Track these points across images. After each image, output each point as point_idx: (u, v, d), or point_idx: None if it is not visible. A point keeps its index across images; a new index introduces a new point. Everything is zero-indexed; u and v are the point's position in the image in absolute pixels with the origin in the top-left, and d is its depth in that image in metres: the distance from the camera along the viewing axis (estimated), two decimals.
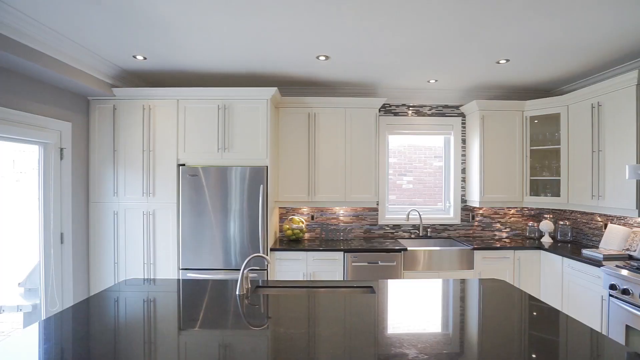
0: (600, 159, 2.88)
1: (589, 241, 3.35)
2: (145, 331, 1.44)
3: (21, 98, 2.50)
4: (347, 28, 2.31)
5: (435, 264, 3.25)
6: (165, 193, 3.19)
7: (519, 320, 1.55)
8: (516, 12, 2.07)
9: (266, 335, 1.38)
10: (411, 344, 1.28)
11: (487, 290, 1.95)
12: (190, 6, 2.04)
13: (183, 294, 1.94)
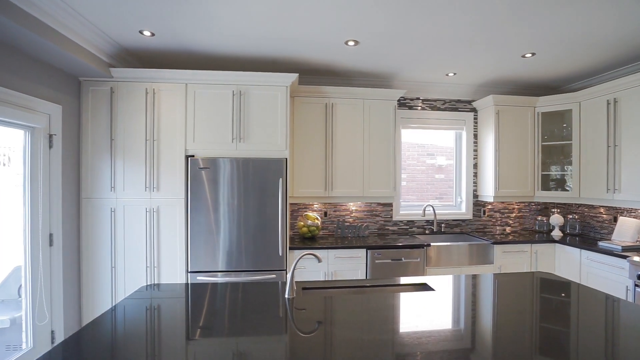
0: (617, 154, 2.98)
1: (597, 234, 3.49)
2: (223, 341, 1.20)
3: (2, 71, 2.08)
4: (383, 10, 2.16)
5: (456, 259, 3.21)
6: (171, 187, 2.86)
7: (603, 305, 1.49)
8: (550, 2, 2.04)
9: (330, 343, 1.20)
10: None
11: (544, 283, 1.89)
12: None
13: (229, 299, 1.69)
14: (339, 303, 1.63)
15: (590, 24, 2.34)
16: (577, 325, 1.36)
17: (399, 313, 1.50)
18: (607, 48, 2.75)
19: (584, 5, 2.08)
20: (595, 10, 2.15)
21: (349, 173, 3.39)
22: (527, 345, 1.17)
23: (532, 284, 1.88)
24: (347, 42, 2.69)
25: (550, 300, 1.64)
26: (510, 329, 1.31)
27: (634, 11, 2.16)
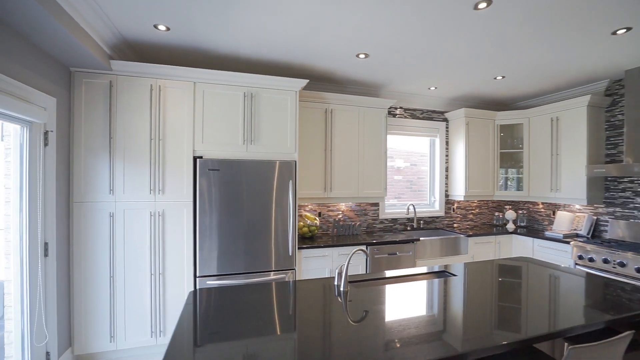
0: (558, 161, 3.72)
1: (540, 225, 4.28)
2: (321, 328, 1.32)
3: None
4: (394, 30, 2.42)
5: (439, 250, 3.66)
6: (178, 189, 2.74)
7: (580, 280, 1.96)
8: (524, 41, 2.56)
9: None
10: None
11: (531, 267, 2.36)
12: None
13: (296, 297, 1.77)
14: (380, 293, 1.84)
15: (547, 58, 2.93)
16: (556, 284, 1.79)
17: (443, 294, 1.77)
18: (555, 76, 3.43)
19: (546, 45, 2.63)
20: (551, 49, 2.72)
21: (345, 175, 3.60)
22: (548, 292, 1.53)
23: (527, 267, 2.32)
24: (358, 54, 2.90)
25: (540, 273, 2.09)
26: (525, 290, 1.67)
27: (574, 52, 2.78)
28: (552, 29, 2.39)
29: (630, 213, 3.36)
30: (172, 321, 2.73)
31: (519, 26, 2.34)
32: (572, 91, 3.84)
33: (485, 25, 2.34)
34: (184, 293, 2.76)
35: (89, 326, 2.57)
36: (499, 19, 2.25)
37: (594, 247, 3.12)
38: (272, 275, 2.95)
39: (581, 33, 2.45)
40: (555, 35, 2.49)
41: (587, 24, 2.31)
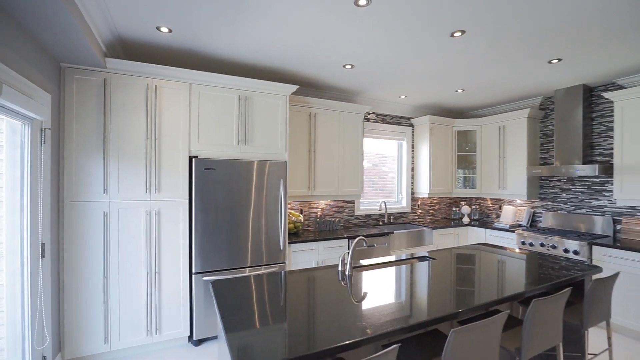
0: (504, 163, 4.39)
1: (488, 218, 4.96)
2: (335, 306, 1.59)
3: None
4: (384, 44, 2.76)
5: (409, 242, 4.10)
6: (174, 188, 2.80)
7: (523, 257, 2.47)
8: (485, 63, 3.08)
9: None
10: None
11: (487, 246, 2.86)
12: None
13: (308, 286, 2.00)
14: (376, 276, 2.16)
15: (500, 76, 3.50)
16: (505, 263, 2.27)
17: (431, 273, 2.14)
18: (504, 91, 4.06)
19: (501, 67, 3.17)
20: (504, 69, 3.27)
21: (327, 175, 3.88)
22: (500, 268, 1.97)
23: (486, 253, 2.81)
24: (345, 65, 3.19)
25: (492, 255, 2.57)
26: (488, 262, 2.11)
27: (521, 73, 3.38)
28: (507, 55, 2.90)
29: (558, 206, 4.11)
30: (168, 319, 2.78)
31: (484, 51, 2.81)
32: (516, 104, 4.54)
33: (457, 49, 2.77)
34: (180, 290, 2.82)
35: (81, 329, 2.52)
36: (469, 45, 2.69)
37: (532, 234, 3.78)
38: (263, 269, 3.12)
39: (527, 59, 3.00)
40: (509, 60, 3.02)
41: (533, 53, 2.85)
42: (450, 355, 1.33)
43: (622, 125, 3.33)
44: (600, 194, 3.73)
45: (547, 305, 1.67)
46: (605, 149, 3.70)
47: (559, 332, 1.80)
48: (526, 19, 2.26)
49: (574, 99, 3.76)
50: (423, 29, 2.42)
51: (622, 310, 3.06)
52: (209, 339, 2.98)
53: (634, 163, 3.23)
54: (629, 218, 3.47)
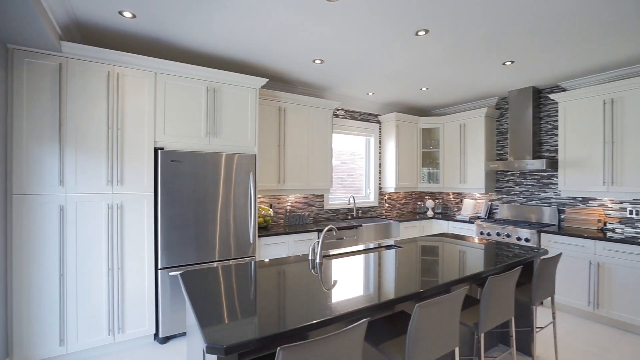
0: (465, 159, 4.66)
1: (451, 211, 5.24)
2: (301, 293, 1.63)
3: None
4: (353, 40, 2.85)
5: (377, 234, 4.24)
6: (138, 181, 2.69)
7: (483, 244, 2.67)
8: (447, 62, 3.28)
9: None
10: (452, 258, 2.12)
11: (450, 235, 3.04)
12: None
13: (278, 275, 2.02)
14: (345, 263, 2.23)
15: (460, 77, 3.72)
16: (463, 251, 2.45)
17: (397, 259, 2.24)
18: (464, 91, 4.31)
19: (462, 67, 3.37)
20: (464, 70, 3.49)
21: (297, 168, 3.90)
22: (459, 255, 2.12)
23: (448, 240, 2.98)
24: (315, 60, 3.23)
25: (453, 239, 2.74)
26: (450, 248, 2.26)
27: (479, 74, 3.62)
28: (467, 55, 3.10)
29: (512, 198, 4.44)
30: (131, 317, 2.66)
31: (446, 50, 2.98)
32: (475, 104, 4.83)
33: (421, 48, 2.91)
34: (145, 287, 2.72)
35: (32, 331, 2.35)
36: (432, 44, 2.84)
37: (489, 224, 4.06)
38: (231, 263, 3.07)
39: (485, 60, 3.22)
40: (468, 60, 3.22)
41: (489, 54, 3.06)
42: (415, 329, 1.41)
43: (565, 124, 3.67)
44: (548, 186, 4.09)
45: (501, 282, 1.82)
46: (551, 146, 4.05)
47: (511, 307, 1.96)
48: (483, 21, 2.43)
49: (525, 99, 4.08)
50: (390, 26, 2.52)
51: (564, 290, 3.38)
52: (176, 336, 2.90)
53: (575, 158, 3.58)
54: (571, 208, 3.83)
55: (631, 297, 2.97)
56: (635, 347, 2.73)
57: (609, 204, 3.58)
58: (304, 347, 1.05)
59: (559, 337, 2.90)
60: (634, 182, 3.16)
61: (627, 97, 3.22)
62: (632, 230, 3.39)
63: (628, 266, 2.99)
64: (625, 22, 2.44)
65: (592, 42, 2.80)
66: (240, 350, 1.11)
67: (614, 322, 3.12)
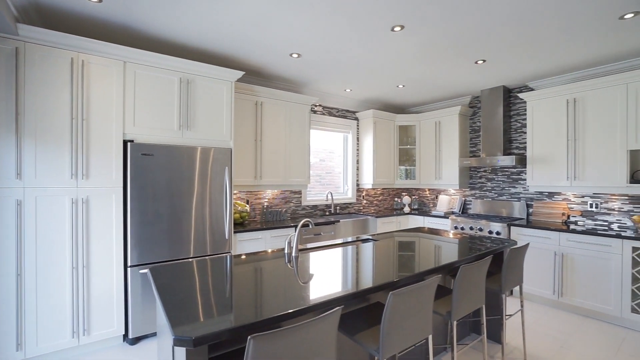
0: (440, 156, 4.78)
1: (427, 207, 5.35)
2: (279, 285, 1.61)
3: None
4: (330, 35, 2.86)
5: (354, 230, 4.26)
6: (105, 174, 2.56)
7: (452, 237, 2.74)
8: (422, 60, 3.35)
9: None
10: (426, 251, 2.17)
11: (425, 229, 3.10)
12: None
13: (254, 269, 1.98)
14: (322, 256, 2.23)
15: (435, 74, 3.80)
16: (438, 243, 2.51)
17: (374, 251, 2.26)
18: (439, 89, 4.41)
19: (436, 65, 3.45)
20: (439, 68, 3.57)
21: (274, 164, 3.86)
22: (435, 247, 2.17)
23: (424, 234, 3.04)
24: (292, 54, 3.20)
25: (428, 234, 2.80)
26: (425, 241, 2.31)
27: (453, 72, 3.72)
28: (441, 53, 3.16)
29: (484, 194, 4.60)
30: (98, 317, 2.53)
31: (421, 47, 3.03)
32: (450, 102, 4.96)
33: (397, 44, 2.94)
34: (113, 285, 2.59)
35: None
36: (408, 41, 2.88)
37: (463, 219, 4.18)
38: (206, 259, 3.00)
39: (458, 59, 3.31)
40: (443, 58, 3.29)
41: (462, 52, 3.14)
42: (389, 317, 1.42)
43: (533, 122, 3.83)
44: (517, 182, 4.26)
45: (472, 270, 1.87)
46: (520, 143, 4.23)
47: (482, 295, 2.02)
48: (456, 19, 2.49)
49: (496, 98, 4.24)
50: (366, 20, 2.53)
51: (531, 280, 3.53)
52: (148, 336, 2.78)
53: (542, 155, 3.75)
54: (538, 202, 4.01)
55: (591, 285, 3.15)
56: (594, 331, 2.89)
57: (572, 198, 3.78)
58: (276, 335, 1.02)
59: (527, 325, 3.02)
60: (594, 177, 3.35)
61: (588, 97, 3.40)
62: (592, 223, 3.59)
63: (588, 256, 3.17)
64: (584, 26, 2.58)
65: (555, 44, 2.93)
66: (210, 341, 1.07)
67: (576, 308, 3.29)
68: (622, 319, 3.02)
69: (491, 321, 2.77)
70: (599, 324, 3.06)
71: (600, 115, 3.32)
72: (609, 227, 3.49)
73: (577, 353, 2.54)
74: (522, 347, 2.61)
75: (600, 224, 3.55)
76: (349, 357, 1.94)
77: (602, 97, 3.31)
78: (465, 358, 2.48)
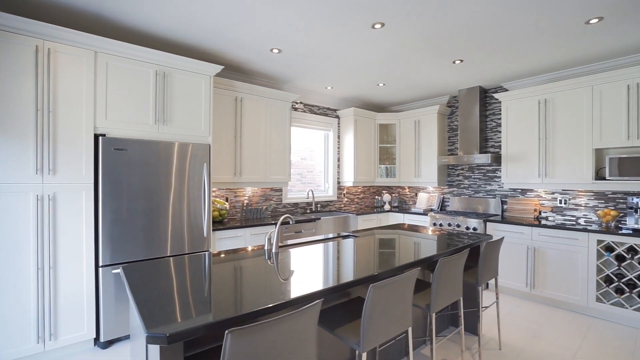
0: (419, 154, 4.87)
1: (407, 205, 5.44)
2: (259, 281, 1.58)
3: None
4: (311, 30, 2.85)
5: (336, 227, 4.27)
6: (75, 170, 2.43)
7: (430, 234, 2.80)
8: (402, 58, 3.40)
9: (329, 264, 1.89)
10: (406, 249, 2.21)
11: (405, 226, 3.15)
12: None
13: (234, 266, 1.94)
14: (303, 252, 2.22)
15: (414, 74, 3.87)
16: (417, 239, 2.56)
17: (354, 247, 2.27)
18: (418, 87, 4.49)
19: (415, 64, 3.51)
20: (417, 67, 3.63)
21: (254, 161, 3.80)
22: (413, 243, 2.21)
23: (404, 230, 3.08)
24: (272, 49, 3.16)
25: (409, 230, 2.85)
26: (405, 237, 2.34)
27: (431, 72, 3.80)
28: (421, 52, 3.22)
29: (462, 191, 4.72)
30: (66, 321, 2.40)
31: (401, 45, 3.07)
32: (429, 101, 5.07)
33: (377, 41, 2.96)
34: (83, 286, 2.46)
35: None
36: (387, 39, 2.91)
37: (442, 216, 4.27)
38: (184, 257, 2.91)
39: (437, 58, 3.38)
40: (422, 57, 3.35)
41: (440, 51, 3.21)
42: (370, 310, 1.42)
43: (507, 122, 3.97)
44: (493, 180, 4.40)
45: (450, 263, 1.91)
46: (496, 142, 4.37)
47: (460, 288, 2.06)
48: (435, 18, 2.54)
49: (473, 98, 4.36)
50: (347, 16, 2.53)
51: (506, 274, 3.66)
52: (121, 339, 2.67)
53: (515, 153, 3.89)
54: (512, 199, 4.16)
55: (560, 277, 3.29)
56: (563, 321, 3.03)
57: (543, 194, 3.94)
58: (254, 329, 1.00)
59: (502, 316, 3.13)
60: (563, 174, 3.51)
61: (558, 99, 3.56)
62: (561, 218, 3.77)
63: (558, 249, 3.31)
64: (553, 30, 2.69)
65: (527, 47, 3.05)
66: (185, 338, 1.03)
67: (547, 300, 3.44)
68: (588, 308, 3.18)
69: (468, 314, 2.84)
70: (567, 313, 3.21)
71: (569, 115, 3.49)
72: (576, 221, 3.66)
73: (547, 341, 2.65)
74: (497, 337, 2.70)
75: (568, 218, 3.73)
76: (331, 353, 1.93)
77: (570, 98, 3.48)
78: (443, 350, 2.53)
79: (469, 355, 2.46)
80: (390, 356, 2.31)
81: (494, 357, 2.43)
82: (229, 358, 0.97)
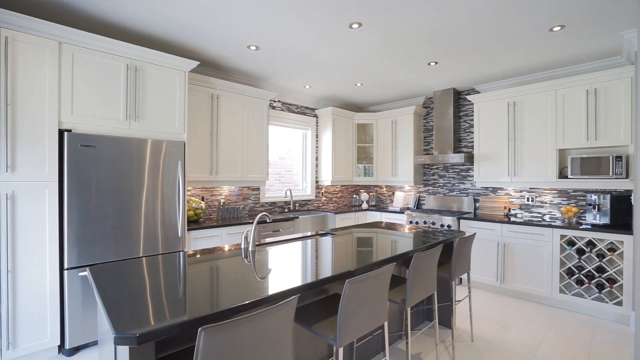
0: (396, 153, 4.96)
1: (384, 203, 5.53)
2: (238, 279, 1.56)
3: None
4: (288, 28, 2.84)
5: (314, 226, 4.27)
6: (37, 167, 2.30)
7: (405, 230, 2.87)
8: (379, 59, 3.46)
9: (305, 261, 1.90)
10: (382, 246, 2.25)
11: (382, 224, 3.20)
12: None
13: (210, 266, 1.89)
14: (281, 249, 2.21)
15: (391, 74, 3.94)
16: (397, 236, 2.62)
17: (332, 244, 2.28)
18: (395, 88, 4.58)
19: (392, 65, 3.58)
20: (394, 68, 3.71)
21: (231, 159, 3.73)
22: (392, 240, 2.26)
23: (381, 229, 3.13)
24: (249, 46, 3.12)
25: (385, 229, 2.90)
26: (382, 235, 2.38)
27: (407, 72, 3.89)
28: (398, 53, 3.28)
29: (437, 190, 4.86)
30: (27, 327, 2.26)
31: (379, 46, 3.11)
32: (405, 102, 5.18)
33: (355, 41, 3.00)
34: (46, 290, 2.33)
35: None
36: (364, 39, 2.94)
37: (418, 214, 4.38)
38: (157, 257, 2.82)
39: (413, 59, 3.45)
40: (399, 58, 3.42)
41: (416, 52, 3.28)
42: (346, 305, 1.43)
43: (479, 123, 4.13)
44: (466, 179, 4.56)
45: (425, 258, 1.95)
46: (469, 142, 4.53)
47: (434, 282, 2.12)
48: (412, 19, 2.59)
49: (447, 99, 4.50)
50: (325, 14, 2.54)
51: (478, 269, 3.80)
52: (89, 345, 2.54)
53: (487, 153, 4.05)
54: (484, 197, 4.32)
55: (527, 271, 3.46)
56: (530, 312, 3.18)
57: (512, 193, 4.13)
58: (228, 327, 0.98)
59: (474, 310, 3.24)
60: (530, 173, 3.69)
61: (525, 101, 3.74)
62: (528, 215, 3.96)
63: (525, 244, 3.48)
64: (518, 36, 2.82)
65: (496, 51, 3.18)
66: (156, 337, 0.99)
67: (516, 293, 3.60)
68: (552, 300, 3.36)
69: (442, 308, 2.93)
70: (534, 305, 3.38)
71: (535, 117, 3.67)
72: (542, 218, 3.86)
73: (516, 332, 2.78)
74: (470, 330, 2.80)
75: (535, 215, 3.92)
76: (309, 350, 1.93)
77: (536, 101, 3.66)
78: (418, 344, 2.59)
79: (442, 348, 2.54)
80: (367, 352, 2.34)
81: (467, 348, 2.52)
82: (203, 356, 0.95)
